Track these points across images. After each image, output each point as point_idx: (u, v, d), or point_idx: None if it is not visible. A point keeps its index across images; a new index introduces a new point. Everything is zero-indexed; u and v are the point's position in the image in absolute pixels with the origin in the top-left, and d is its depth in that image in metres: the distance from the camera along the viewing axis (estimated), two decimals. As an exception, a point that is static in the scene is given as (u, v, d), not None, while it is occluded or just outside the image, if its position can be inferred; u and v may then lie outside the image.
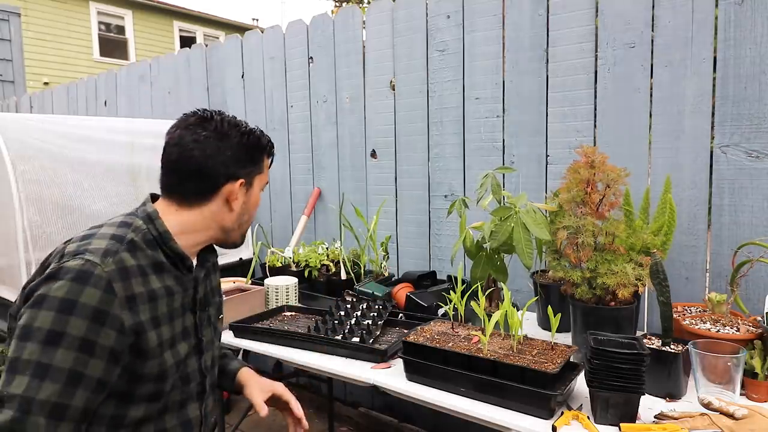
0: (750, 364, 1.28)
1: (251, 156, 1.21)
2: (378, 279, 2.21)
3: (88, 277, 0.97)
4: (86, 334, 0.95)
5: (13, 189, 2.06)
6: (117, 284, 0.99)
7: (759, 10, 1.61)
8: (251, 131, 1.22)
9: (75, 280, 0.96)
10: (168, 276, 1.11)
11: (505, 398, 1.27)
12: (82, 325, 0.95)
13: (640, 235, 1.56)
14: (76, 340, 0.94)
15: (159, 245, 1.10)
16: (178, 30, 14.35)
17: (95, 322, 0.96)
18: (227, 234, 1.22)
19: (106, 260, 1.00)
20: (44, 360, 0.93)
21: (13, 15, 7.39)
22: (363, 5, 10.53)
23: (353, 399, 2.91)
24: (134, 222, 1.11)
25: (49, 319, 0.94)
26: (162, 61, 3.74)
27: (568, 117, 2.01)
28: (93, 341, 0.96)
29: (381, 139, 2.58)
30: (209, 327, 1.25)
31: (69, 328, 0.94)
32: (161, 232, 1.11)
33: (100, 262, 0.99)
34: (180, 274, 1.14)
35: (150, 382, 1.06)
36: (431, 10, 2.33)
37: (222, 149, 1.14)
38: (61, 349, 0.93)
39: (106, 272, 0.98)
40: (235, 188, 1.17)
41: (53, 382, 0.93)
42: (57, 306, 0.94)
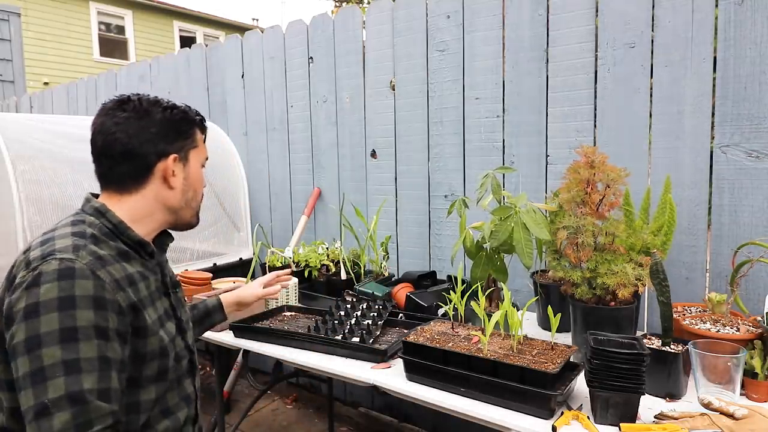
0: (750, 364, 1.28)
1: (179, 130, 1.18)
2: (378, 279, 2.21)
3: (72, 271, 0.97)
4: (97, 322, 0.96)
5: (13, 189, 2.06)
6: (100, 271, 1.00)
7: (759, 10, 1.61)
8: (174, 106, 1.19)
9: (61, 279, 0.96)
10: (135, 263, 1.12)
11: (505, 398, 1.27)
12: (89, 315, 0.96)
13: (640, 235, 1.56)
14: (91, 329, 0.95)
15: (117, 236, 1.11)
16: (178, 30, 14.34)
17: (99, 308, 0.97)
18: (177, 214, 1.21)
19: (79, 253, 1.00)
20: (71, 356, 0.93)
21: (13, 15, 7.39)
22: (363, 5, 10.52)
23: (353, 399, 2.91)
24: (86, 219, 1.11)
25: (55, 320, 0.93)
26: (162, 61, 3.74)
27: (568, 117, 2.01)
28: (104, 327, 0.97)
29: (381, 139, 2.58)
30: (183, 307, 1.29)
31: (79, 321, 0.95)
32: (115, 223, 1.11)
33: (75, 257, 0.99)
34: (144, 260, 1.16)
35: (154, 360, 1.08)
36: (431, 10, 2.33)
37: (145, 127, 1.13)
38: (82, 342, 0.94)
39: (85, 263, 0.99)
40: (168, 164, 1.15)
41: (90, 371, 0.93)
42: (57, 306, 0.94)
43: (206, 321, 1.57)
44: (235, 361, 2.92)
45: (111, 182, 1.15)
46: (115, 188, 1.15)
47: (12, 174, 2.07)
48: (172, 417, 1.16)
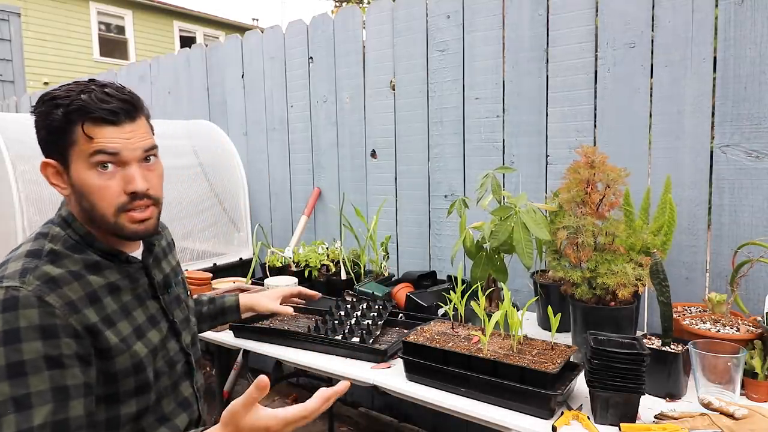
0: (750, 364, 1.28)
1: (49, 128, 0.99)
2: (378, 279, 2.21)
3: (15, 301, 0.91)
4: (46, 352, 0.90)
5: (13, 189, 2.06)
6: (48, 297, 0.93)
7: (759, 10, 1.61)
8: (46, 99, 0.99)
9: (5, 311, 0.90)
10: (110, 272, 1.06)
11: (505, 398, 1.27)
12: (37, 346, 0.90)
13: (640, 235, 1.56)
14: (40, 361, 0.89)
15: (85, 247, 1.04)
16: (178, 30, 14.35)
17: (47, 337, 0.91)
18: (97, 226, 1.05)
19: (26, 279, 0.94)
20: (20, 392, 0.87)
21: (13, 15, 7.39)
22: (363, 5, 10.52)
23: (353, 399, 2.91)
24: (50, 231, 1.04)
25: (2, 355, 0.88)
26: (162, 61, 3.74)
27: (568, 117, 2.01)
28: (56, 355, 0.91)
29: (381, 139, 2.58)
30: (179, 307, 1.23)
31: (26, 354, 0.89)
32: (82, 235, 1.04)
33: (20, 284, 0.93)
34: (123, 266, 1.09)
35: (129, 377, 1.03)
36: (431, 10, 2.33)
37: (36, 133, 1.01)
38: (31, 375, 0.88)
39: (30, 290, 0.92)
40: (46, 173, 1.03)
41: (42, 405, 0.88)
42: (2, 340, 0.89)
43: (220, 318, 1.58)
44: (235, 361, 2.92)
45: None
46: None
47: (12, 174, 2.07)
48: (169, 424, 1.11)
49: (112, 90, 1.00)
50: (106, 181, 0.99)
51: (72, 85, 1.00)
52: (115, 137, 0.99)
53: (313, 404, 0.90)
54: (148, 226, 1.06)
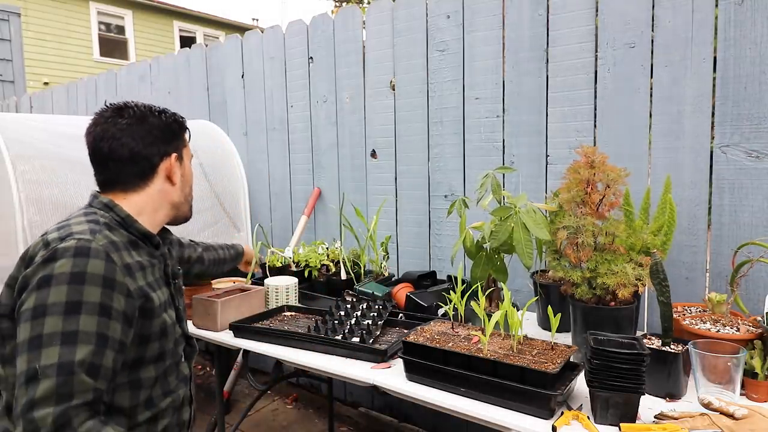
0: (750, 364, 1.28)
1: (173, 131, 1.30)
2: (378, 279, 2.21)
3: (88, 250, 1.04)
4: (102, 299, 1.02)
5: (13, 189, 2.06)
6: (114, 255, 1.08)
7: (759, 10, 1.61)
8: (164, 110, 1.30)
9: (77, 256, 1.03)
10: (142, 252, 1.22)
11: (505, 398, 1.27)
12: (96, 292, 1.02)
13: (640, 235, 1.56)
14: (95, 306, 1.01)
15: (125, 228, 1.20)
16: (178, 30, 14.35)
17: (107, 287, 1.04)
18: (177, 209, 1.33)
19: (96, 236, 1.08)
20: (70, 328, 0.98)
21: (13, 15, 7.39)
22: (363, 5, 10.53)
23: (353, 399, 2.91)
24: (96, 212, 1.20)
25: (63, 292, 0.99)
26: (162, 61, 3.74)
27: (568, 117, 2.01)
28: (109, 305, 1.03)
29: (381, 139, 2.58)
30: (181, 297, 1.38)
31: (85, 296, 1.01)
32: (123, 217, 1.20)
33: (92, 238, 1.07)
34: (150, 251, 1.24)
35: (155, 341, 1.17)
36: (431, 10, 2.33)
37: (148, 131, 1.23)
38: (83, 315, 1.00)
39: (101, 245, 1.06)
40: (171, 163, 1.27)
41: (85, 344, 0.99)
42: (68, 279, 1.00)
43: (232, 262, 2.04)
44: (235, 361, 2.92)
45: (116, 184, 1.24)
46: (121, 188, 1.24)
47: (12, 174, 2.07)
48: (173, 395, 1.26)
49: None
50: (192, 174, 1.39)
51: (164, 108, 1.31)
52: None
53: None
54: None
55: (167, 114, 1.30)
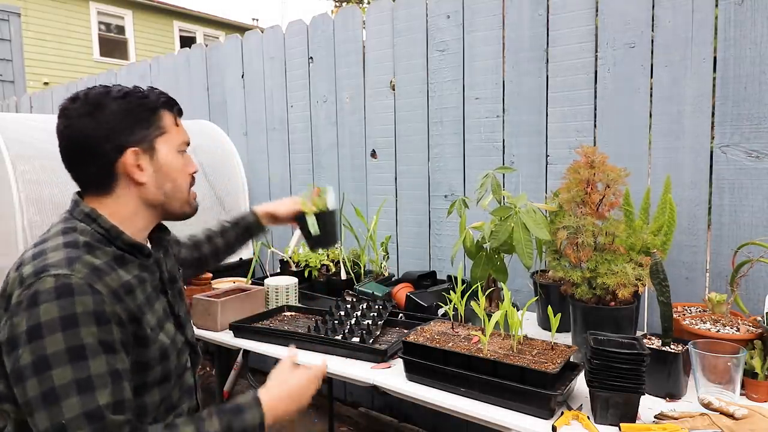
0: (750, 364, 1.28)
1: (137, 118, 1.07)
2: (378, 279, 2.21)
3: (70, 288, 0.94)
4: (102, 337, 0.95)
5: (13, 189, 2.06)
6: (97, 284, 0.97)
7: (759, 10, 1.61)
8: (128, 92, 1.08)
9: (60, 297, 0.93)
10: (133, 266, 1.09)
11: (505, 398, 1.27)
12: (93, 331, 0.94)
13: (640, 235, 1.56)
14: (97, 345, 0.94)
15: (111, 241, 1.07)
16: (178, 30, 14.35)
17: (102, 323, 0.95)
18: (162, 208, 1.15)
19: (74, 267, 0.96)
20: (82, 375, 0.91)
21: (13, 15, 7.39)
22: (363, 5, 10.53)
23: (353, 399, 2.91)
24: (77, 225, 1.07)
25: (61, 340, 0.91)
26: (162, 61, 3.74)
27: (568, 117, 2.01)
28: (110, 340, 0.96)
29: (381, 139, 2.58)
30: (182, 301, 1.28)
31: (85, 339, 0.93)
32: (107, 228, 1.07)
33: (70, 272, 0.95)
34: (142, 261, 1.13)
35: (157, 366, 1.08)
36: (431, 10, 2.33)
37: (99, 123, 1.04)
38: (91, 359, 0.93)
39: (81, 278, 0.95)
40: (128, 160, 1.06)
41: (103, 387, 0.93)
42: (60, 326, 0.92)
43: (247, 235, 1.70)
44: (235, 361, 2.92)
45: (87, 186, 1.11)
46: (93, 191, 1.10)
47: (12, 174, 2.07)
48: (176, 411, 1.17)
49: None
50: (187, 162, 1.20)
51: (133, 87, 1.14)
52: (185, 128, 1.21)
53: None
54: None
55: (130, 97, 1.07)
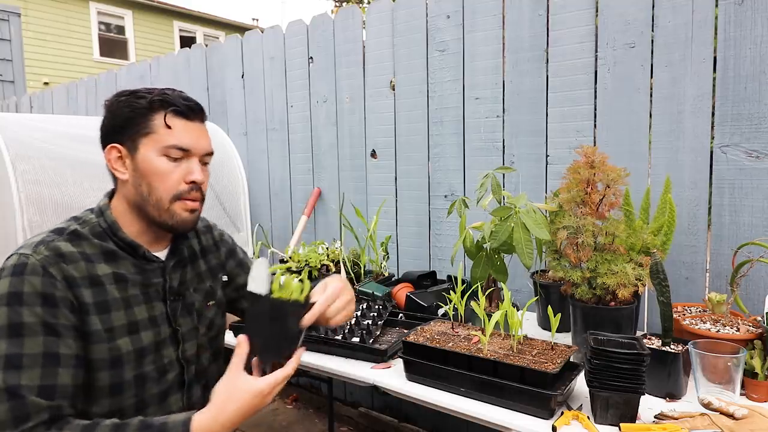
0: (750, 364, 1.28)
1: (124, 117, 1.10)
2: (378, 279, 2.21)
3: (23, 267, 0.98)
4: (45, 318, 0.97)
5: (13, 189, 2.06)
6: (52, 268, 1.00)
7: (759, 10, 1.61)
8: (126, 94, 1.12)
9: (13, 275, 0.98)
10: (124, 263, 1.10)
11: (505, 398, 1.27)
12: (37, 312, 0.96)
13: (640, 235, 1.56)
14: (37, 326, 0.96)
15: (109, 236, 1.11)
16: (178, 30, 14.35)
17: (47, 305, 0.97)
18: (145, 212, 1.11)
19: (38, 248, 1.02)
20: (13, 351, 0.94)
21: (13, 15, 7.39)
22: (363, 5, 10.53)
23: (353, 399, 2.91)
24: (85, 216, 1.14)
25: (4, 314, 0.95)
26: (162, 61, 3.74)
27: (568, 117, 2.01)
28: (53, 323, 0.97)
29: (381, 139, 2.58)
30: (190, 316, 1.21)
31: (26, 317, 0.95)
32: (110, 223, 1.12)
33: (31, 253, 1.00)
34: (140, 262, 1.13)
35: (104, 371, 1.04)
36: (431, 10, 2.33)
37: (104, 121, 1.13)
38: (27, 338, 0.95)
39: (38, 260, 0.99)
40: (109, 156, 1.12)
41: (32, 367, 0.94)
42: (6, 301, 0.96)
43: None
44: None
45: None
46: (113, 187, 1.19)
47: (12, 174, 2.07)
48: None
49: (186, 95, 1.16)
50: (173, 168, 1.10)
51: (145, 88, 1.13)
52: (187, 132, 1.11)
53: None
54: (194, 219, 1.15)
55: (126, 97, 1.11)
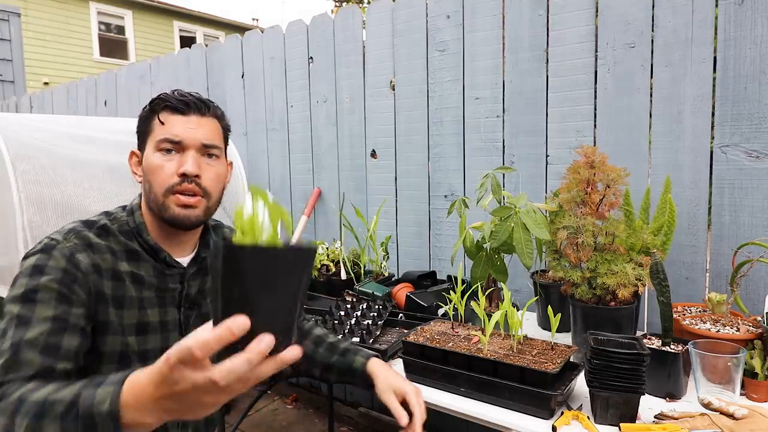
0: (750, 364, 1.28)
1: (142, 125, 1.16)
2: (378, 279, 2.21)
3: (52, 248, 1.01)
4: (60, 288, 0.98)
5: (13, 189, 2.06)
6: (80, 254, 1.02)
7: (759, 10, 1.61)
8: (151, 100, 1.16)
9: (41, 252, 1.01)
10: (144, 265, 1.11)
11: (505, 398, 1.27)
12: (54, 281, 0.98)
13: (640, 235, 1.56)
14: (52, 292, 0.97)
15: (135, 236, 1.12)
16: (178, 30, 14.34)
17: (66, 278, 0.99)
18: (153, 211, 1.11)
19: (69, 236, 1.04)
20: (25, 313, 0.95)
21: (13, 15, 7.39)
22: (363, 5, 10.53)
23: (353, 399, 2.91)
24: (116, 213, 1.14)
25: (24, 283, 0.97)
26: (162, 61, 3.74)
27: (568, 117, 2.01)
28: (68, 294, 0.98)
29: (381, 139, 2.58)
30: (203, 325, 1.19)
31: (42, 284, 0.97)
32: (137, 224, 1.13)
33: (62, 239, 1.03)
34: (160, 266, 1.13)
35: (112, 364, 1.05)
36: (431, 10, 2.33)
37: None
38: (39, 303, 0.96)
39: (68, 246, 1.02)
40: (130, 162, 1.18)
41: (39, 325, 0.94)
42: (28, 272, 0.98)
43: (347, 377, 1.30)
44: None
45: None
46: None
47: (12, 174, 2.07)
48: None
49: (192, 93, 1.16)
50: (166, 162, 1.08)
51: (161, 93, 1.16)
52: (181, 125, 1.10)
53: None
54: (189, 214, 1.09)
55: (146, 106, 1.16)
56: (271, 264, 0.60)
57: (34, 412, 0.78)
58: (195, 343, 0.60)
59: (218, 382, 0.61)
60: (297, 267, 0.62)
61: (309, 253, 0.64)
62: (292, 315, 0.64)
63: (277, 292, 0.61)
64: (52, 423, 0.76)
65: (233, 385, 0.62)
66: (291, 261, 0.62)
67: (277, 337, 0.61)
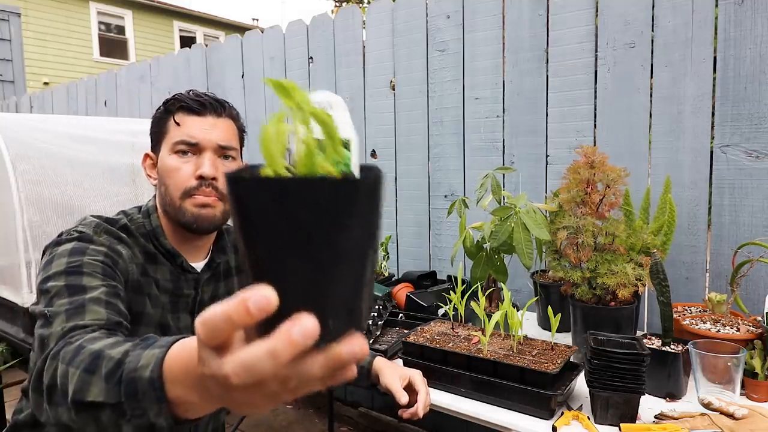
0: (750, 364, 1.28)
1: (156, 126, 1.14)
2: (378, 279, 2.21)
3: (90, 239, 0.98)
4: (104, 266, 0.95)
5: (13, 189, 2.06)
6: (118, 246, 1.01)
7: (759, 10, 1.61)
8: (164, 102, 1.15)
9: (77, 240, 0.97)
10: (161, 269, 1.09)
11: (505, 398, 1.27)
12: (97, 260, 0.95)
13: (640, 235, 1.56)
14: (97, 267, 0.94)
15: (151, 240, 1.09)
16: (178, 30, 14.34)
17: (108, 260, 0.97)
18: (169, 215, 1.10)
19: (99, 230, 1.02)
20: (74, 282, 0.90)
21: (13, 15, 7.39)
22: (363, 5, 10.53)
23: (353, 399, 2.91)
24: (133, 213, 1.12)
25: (63, 262, 0.92)
26: (162, 61, 3.74)
27: (567, 117, 2.01)
28: (111, 273, 0.96)
29: (381, 139, 2.58)
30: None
31: (86, 261, 0.93)
32: (155, 227, 1.10)
33: (93, 234, 1.00)
34: (176, 271, 1.11)
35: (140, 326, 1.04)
36: (431, 10, 2.33)
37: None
38: (86, 275, 0.92)
39: (101, 240, 1.00)
40: (144, 164, 1.16)
41: (93, 290, 0.89)
42: (66, 253, 0.94)
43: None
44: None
45: None
46: None
47: (12, 174, 2.07)
48: None
49: (207, 93, 1.16)
50: (182, 164, 1.07)
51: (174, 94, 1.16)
52: (197, 126, 1.08)
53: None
54: (208, 213, 1.07)
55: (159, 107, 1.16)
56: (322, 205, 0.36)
57: (86, 364, 0.66)
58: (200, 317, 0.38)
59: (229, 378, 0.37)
60: (361, 207, 0.37)
61: (376, 183, 0.38)
62: (356, 286, 0.38)
63: (333, 250, 0.36)
64: (98, 383, 0.62)
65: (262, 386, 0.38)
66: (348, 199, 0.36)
67: (327, 321, 0.37)
